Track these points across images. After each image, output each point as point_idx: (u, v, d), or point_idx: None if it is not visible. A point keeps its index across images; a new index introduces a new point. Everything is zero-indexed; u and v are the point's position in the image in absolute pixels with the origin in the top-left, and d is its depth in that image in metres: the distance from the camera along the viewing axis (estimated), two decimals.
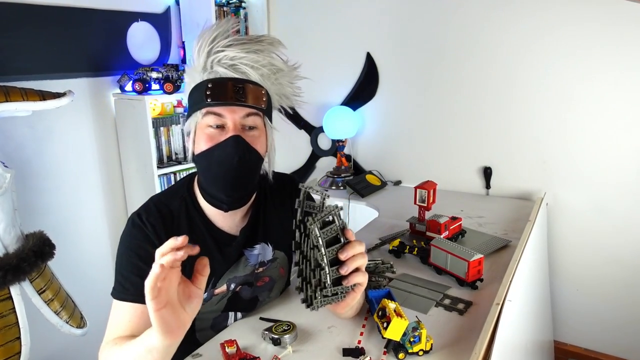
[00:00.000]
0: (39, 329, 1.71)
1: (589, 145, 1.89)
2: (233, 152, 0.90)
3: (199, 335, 1.04)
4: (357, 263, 0.80)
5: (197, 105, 0.92)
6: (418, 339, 0.88)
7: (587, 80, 1.85)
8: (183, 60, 2.61)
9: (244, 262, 1.05)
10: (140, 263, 0.91)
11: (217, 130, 0.91)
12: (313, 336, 0.98)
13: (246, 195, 1.00)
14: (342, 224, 0.79)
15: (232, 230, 1.03)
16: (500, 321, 0.97)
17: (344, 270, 0.79)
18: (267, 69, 0.95)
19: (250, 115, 0.92)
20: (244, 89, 0.90)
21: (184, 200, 1.00)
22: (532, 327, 1.55)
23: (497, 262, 1.35)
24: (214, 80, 0.91)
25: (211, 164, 0.92)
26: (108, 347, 0.87)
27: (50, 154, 2.10)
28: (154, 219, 0.95)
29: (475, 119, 2.12)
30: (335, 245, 0.78)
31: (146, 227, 0.94)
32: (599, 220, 1.92)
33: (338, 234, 0.79)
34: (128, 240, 0.95)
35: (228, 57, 0.91)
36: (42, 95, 1.64)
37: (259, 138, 0.95)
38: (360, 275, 0.81)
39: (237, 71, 0.92)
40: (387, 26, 2.26)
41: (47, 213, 2.09)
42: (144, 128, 2.22)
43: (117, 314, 0.92)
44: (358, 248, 0.80)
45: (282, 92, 1.02)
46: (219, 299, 1.03)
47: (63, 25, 2.07)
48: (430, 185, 1.53)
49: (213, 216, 1.01)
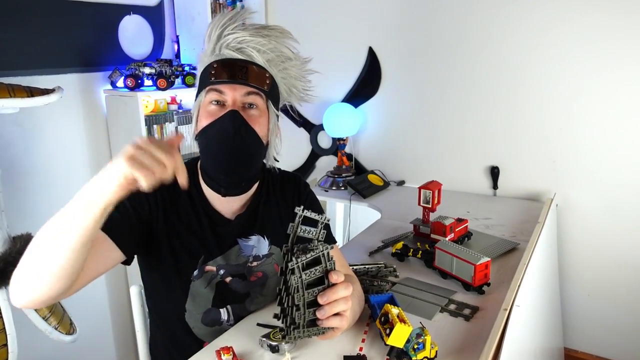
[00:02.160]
0: (27, 336, 1.71)
1: (601, 144, 1.89)
2: (229, 126, 0.94)
3: (194, 329, 1.06)
4: (337, 308, 0.81)
5: (202, 85, 0.99)
6: (422, 346, 0.88)
7: (599, 76, 1.85)
8: (177, 55, 2.61)
9: (237, 251, 1.07)
10: (127, 204, 0.95)
11: (218, 107, 0.97)
12: (312, 343, 0.98)
13: (244, 181, 1.03)
14: (330, 265, 0.80)
15: (228, 215, 1.07)
16: (508, 327, 0.97)
17: (320, 314, 0.80)
18: (275, 55, 0.99)
19: (251, 94, 0.97)
20: (247, 70, 0.96)
21: (188, 175, 1.02)
22: (542, 334, 1.55)
23: (505, 266, 1.35)
24: (219, 61, 0.97)
25: (208, 139, 0.97)
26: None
27: (39, 153, 2.10)
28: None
29: (482, 117, 2.12)
30: (318, 286, 0.79)
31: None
32: (612, 221, 1.92)
33: (323, 276, 0.79)
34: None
35: (236, 40, 0.97)
36: (30, 92, 1.64)
37: (259, 118, 0.98)
38: (336, 320, 0.82)
39: (244, 54, 0.97)
40: (390, 19, 2.26)
41: (36, 214, 2.09)
42: (136, 126, 2.22)
43: None
44: (341, 292, 0.81)
45: (292, 84, 1.06)
46: (207, 280, 1.05)
47: (51, 18, 2.07)
48: (435, 185, 1.53)
49: (212, 199, 1.05)
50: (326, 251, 0.79)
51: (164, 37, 2.57)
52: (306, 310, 0.79)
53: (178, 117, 2.44)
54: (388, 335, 0.89)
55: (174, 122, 2.43)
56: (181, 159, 0.72)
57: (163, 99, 2.44)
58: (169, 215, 1.02)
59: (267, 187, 1.13)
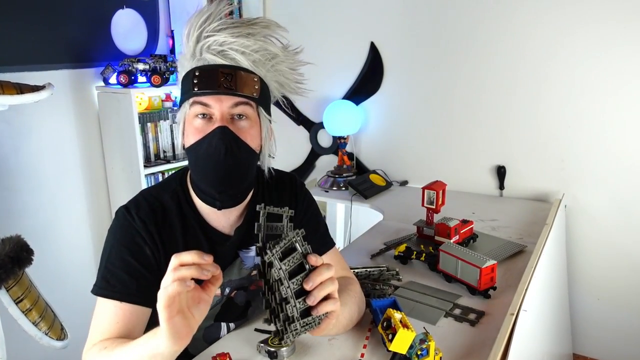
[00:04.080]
0: (16, 341, 1.71)
1: (611, 142, 1.89)
2: (220, 144, 0.90)
3: (190, 348, 1.04)
4: (326, 290, 0.80)
5: (186, 95, 0.93)
6: (426, 352, 0.88)
7: (609, 72, 1.85)
8: (172, 51, 2.61)
9: (239, 264, 1.06)
10: (131, 259, 0.93)
11: (205, 121, 0.92)
12: (312, 349, 0.98)
13: (240, 193, 1.01)
14: (306, 249, 0.80)
15: (227, 229, 1.04)
16: (515, 333, 0.97)
17: (310, 301, 0.79)
18: (260, 55, 0.94)
19: (239, 105, 0.92)
20: (232, 77, 0.90)
21: (176, 194, 1.01)
22: (550, 339, 1.55)
23: (512, 269, 1.35)
24: (201, 68, 0.91)
25: (198, 158, 0.93)
26: (95, 350, 0.87)
27: (28, 152, 2.10)
28: (144, 213, 0.96)
29: (487, 114, 2.12)
30: (300, 274, 0.79)
31: (135, 222, 0.95)
32: (623, 223, 1.92)
33: (303, 261, 0.79)
34: (119, 233, 0.96)
35: (217, 43, 0.91)
36: (19, 88, 1.64)
37: (250, 130, 0.94)
38: (329, 304, 0.80)
39: (227, 57, 0.92)
40: (393, 13, 2.26)
41: (25, 216, 2.09)
42: (129, 124, 2.22)
43: (103, 314, 0.91)
44: (325, 274, 0.79)
45: (283, 80, 1.01)
46: (213, 304, 1.03)
47: (42, 12, 2.07)
48: (439, 185, 1.53)
49: (207, 214, 1.02)
50: (299, 237, 0.79)
51: (159, 31, 2.57)
52: (295, 300, 0.78)
53: (173, 114, 2.44)
54: (390, 341, 0.89)
55: (168, 120, 2.43)
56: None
57: (157, 96, 2.45)
58: (169, 249, 0.97)
59: (262, 193, 1.10)
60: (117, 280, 0.91)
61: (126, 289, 0.90)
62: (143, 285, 0.92)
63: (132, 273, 0.92)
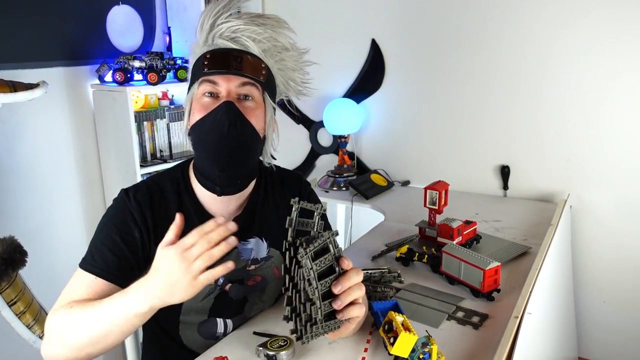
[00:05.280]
0: (10, 345, 1.71)
1: (618, 141, 1.89)
2: (224, 117, 0.93)
3: (186, 341, 1.06)
4: (353, 296, 0.81)
5: (195, 77, 0.99)
6: (428, 356, 0.88)
7: (615, 70, 1.85)
8: (169, 48, 2.61)
9: (235, 255, 1.07)
10: (118, 239, 0.97)
11: (211, 99, 0.96)
12: (312, 353, 0.98)
13: (241, 178, 1.03)
14: (338, 252, 0.80)
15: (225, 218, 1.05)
16: (519, 336, 0.97)
17: (337, 305, 0.80)
18: (271, 44, 1.00)
19: (246, 85, 0.97)
20: (241, 59, 0.96)
21: (176, 181, 1.05)
22: (555, 343, 1.55)
23: (516, 271, 1.35)
24: (213, 51, 0.97)
25: (202, 133, 0.97)
26: (64, 309, 0.88)
27: (22, 151, 2.10)
28: (141, 196, 1.01)
29: (491, 113, 2.12)
30: (329, 276, 0.79)
31: (130, 203, 0.99)
32: (629, 224, 1.92)
33: (333, 264, 0.79)
34: (112, 213, 1.01)
35: (230, 30, 0.97)
36: (12, 86, 1.64)
37: (255, 110, 0.98)
38: (356, 309, 0.83)
39: (238, 43, 0.97)
40: (394, 9, 2.27)
41: (18, 216, 2.09)
42: (125, 123, 2.22)
43: (78, 283, 0.95)
44: (354, 279, 0.81)
45: (289, 76, 1.06)
46: (205, 293, 1.05)
47: (35, 8, 2.07)
48: (441, 185, 1.53)
49: (206, 202, 1.05)
50: (333, 237, 0.79)
51: (155, 28, 2.57)
52: (321, 302, 0.78)
53: (170, 113, 2.44)
54: (392, 344, 0.89)
55: (165, 118, 2.43)
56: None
57: (154, 94, 2.44)
58: (160, 234, 0.97)
59: (265, 187, 1.13)
60: (100, 257, 0.95)
61: (106, 267, 0.94)
62: (123, 266, 0.96)
63: (116, 252, 0.96)
